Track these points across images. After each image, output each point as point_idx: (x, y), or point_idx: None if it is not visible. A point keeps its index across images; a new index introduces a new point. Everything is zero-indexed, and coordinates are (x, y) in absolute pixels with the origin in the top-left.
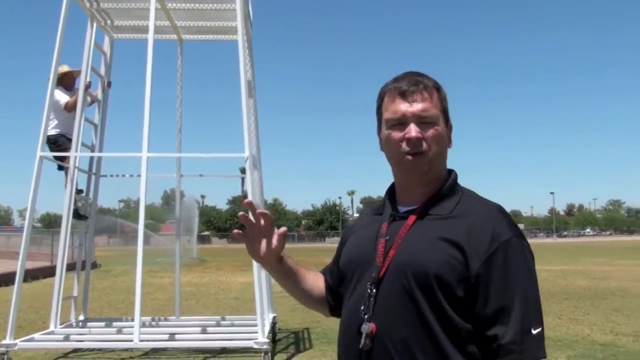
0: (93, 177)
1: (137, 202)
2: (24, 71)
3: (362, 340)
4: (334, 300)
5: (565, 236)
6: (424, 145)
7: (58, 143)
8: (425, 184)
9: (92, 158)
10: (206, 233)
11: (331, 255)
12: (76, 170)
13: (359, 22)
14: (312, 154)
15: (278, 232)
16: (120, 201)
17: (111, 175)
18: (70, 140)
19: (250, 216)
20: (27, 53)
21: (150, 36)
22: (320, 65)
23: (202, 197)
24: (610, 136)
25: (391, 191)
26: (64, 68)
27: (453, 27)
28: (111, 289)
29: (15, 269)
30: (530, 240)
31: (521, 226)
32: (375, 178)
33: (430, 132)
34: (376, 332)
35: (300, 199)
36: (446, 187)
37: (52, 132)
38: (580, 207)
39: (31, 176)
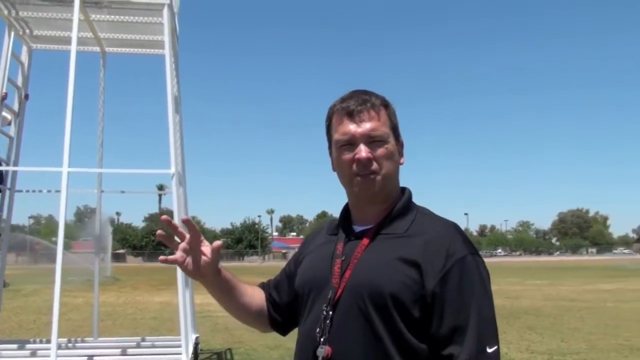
0: (7, 192)
1: (48, 219)
2: None
3: None
4: (279, 315)
5: None
6: (374, 165)
7: None
8: (378, 203)
9: (6, 172)
10: (121, 251)
11: (251, 274)
12: None
13: (288, 36)
14: (232, 171)
15: (213, 246)
16: (30, 217)
17: (27, 191)
18: None
19: (184, 234)
20: None
21: (73, 48)
22: (240, 79)
23: (118, 214)
24: (519, 159)
25: (346, 211)
26: None
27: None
28: (21, 309)
29: None
30: None
31: None
32: (294, 197)
33: (380, 151)
34: (332, 355)
35: (219, 217)
36: (400, 205)
37: None
38: (492, 227)
39: None
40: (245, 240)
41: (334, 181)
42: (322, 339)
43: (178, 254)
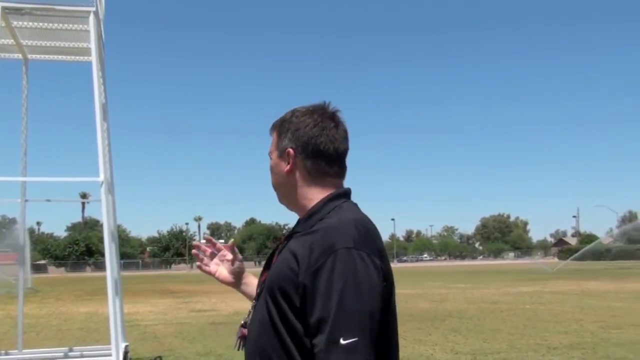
0: None
1: None
2: None
3: (239, 343)
4: None
5: (405, 261)
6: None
7: None
8: (292, 209)
9: None
10: (42, 262)
11: (179, 282)
12: None
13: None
14: (158, 178)
15: (229, 247)
16: None
17: None
18: None
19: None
20: None
21: None
22: (165, 82)
23: (38, 223)
24: (444, 164)
25: None
26: None
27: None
28: None
29: None
30: None
31: None
32: (222, 204)
33: (269, 168)
34: (246, 336)
35: (145, 225)
36: (316, 206)
37: None
38: (418, 232)
39: None
40: (173, 248)
41: (262, 188)
42: (244, 323)
43: (212, 266)
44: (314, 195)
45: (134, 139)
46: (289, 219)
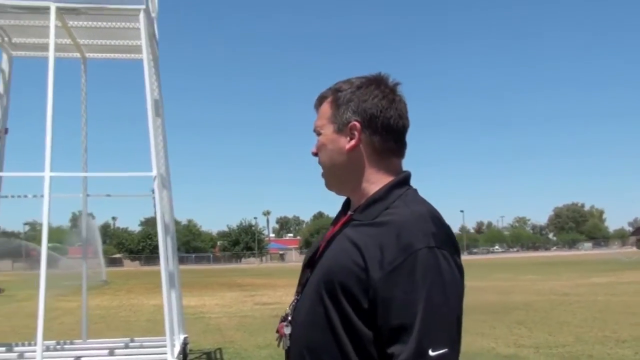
0: None
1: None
2: None
3: (280, 340)
4: None
5: (475, 253)
6: (319, 158)
7: None
8: (344, 192)
9: None
10: (118, 255)
11: (249, 276)
12: None
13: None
14: (229, 174)
15: None
16: (25, 224)
17: (12, 196)
18: None
19: None
20: None
21: (51, 55)
22: (236, 80)
23: (114, 218)
24: (514, 154)
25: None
26: None
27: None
28: (14, 314)
29: None
30: None
31: None
32: (291, 198)
33: (317, 145)
34: (292, 334)
35: (215, 220)
36: (378, 192)
37: None
38: (489, 224)
39: None
40: (242, 242)
41: None
42: (289, 318)
43: None
44: (378, 177)
45: (205, 136)
46: None
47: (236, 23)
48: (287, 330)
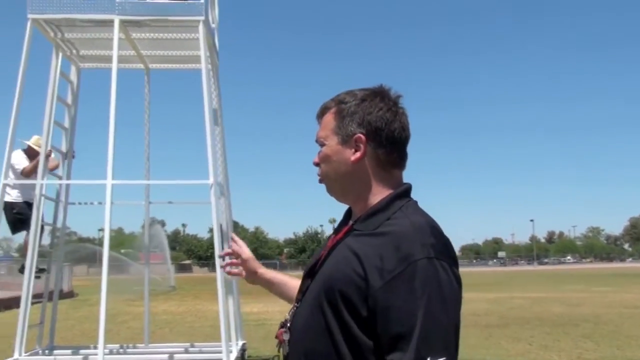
0: (61, 205)
1: (117, 231)
2: None
3: (279, 346)
4: None
5: (545, 263)
6: (319, 169)
7: (20, 212)
8: (348, 202)
9: (60, 186)
10: (187, 262)
11: None
12: (43, 198)
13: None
14: (296, 182)
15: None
16: (100, 230)
17: (79, 203)
18: (31, 206)
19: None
20: None
21: (114, 66)
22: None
23: (184, 225)
24: (587, 163)
25: None
26: (36, 141)
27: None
28: (86, 318)
29: None
30: (512, 268)
31: (502, 254)
32: None
33: (319, 156)
34: (289, 340)
35: (282, 227)
36: (380, 203)
37: (12, 198)
38: (561, 234)
39: None
40: (309, 249)
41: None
42: (288, 325)
43: (235, 268)
44: (379, 189)
45: (268, 144)
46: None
47: (296, 37)
48: (286, 337)
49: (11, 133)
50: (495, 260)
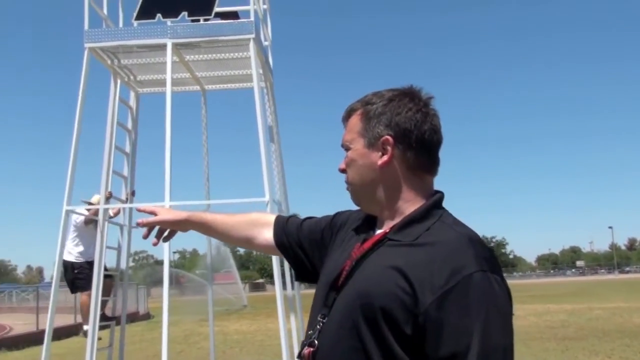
0: (125, 229)
1: (193, 252)
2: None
3: None
4: (283, 242)
5: (628, 272)
6: (346, 175)
7: (81, 272)
8: (375, 212)
9: (123, 210)
10: (260, 280)
11: None
12: (106, 223)
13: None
14: None
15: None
16: (174, 252)
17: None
18: (92, 264)
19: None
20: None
21: (168, 89)
22: None
23: None
24: None
25: None
26: (97, 200)
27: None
28: (159, 340)
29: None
30: (591, 277)
31: (580, 263)
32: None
33: (345, 161)
34: (317, 357)
35: None
36: (417, 211)
37: (73, 257)
38: None
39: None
40: None
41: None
42: (313, 340)
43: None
44: (411, 195)
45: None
46: (495, 230)
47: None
48: (305, 352)
49: (72, 160)
50: (573, 270)
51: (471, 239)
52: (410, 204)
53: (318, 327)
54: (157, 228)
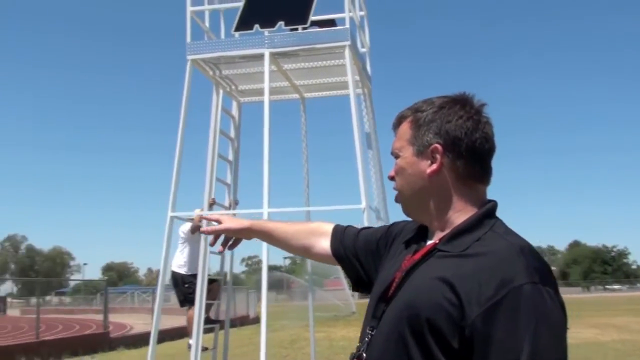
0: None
1: (303, 258)
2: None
3: None
4: (339, 252)
5: None
6: (395, 182)
7: (191, 286)
8: (424, 221)
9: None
10: None
11: None
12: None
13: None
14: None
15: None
16: (285, 258)
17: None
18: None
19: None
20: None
21: (266, 98)
22: None
23: None
24: None
25: None
26: (198, 213)
27: None
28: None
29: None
30: None
31: None
32: (544, 225)
33: (394, 169)
34: None
35: None
36: (467, 221)
37: (182, 270)
38: None
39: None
40: None
41: (587, 208)
42: (361, 352)
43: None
44: (463, 205)
45: None
46: (617, 239)
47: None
48: None
49: (176, 168)
50: None
51: (522, 248)
52: (460, 214)
53: (367, 339)
54: (223, 236)
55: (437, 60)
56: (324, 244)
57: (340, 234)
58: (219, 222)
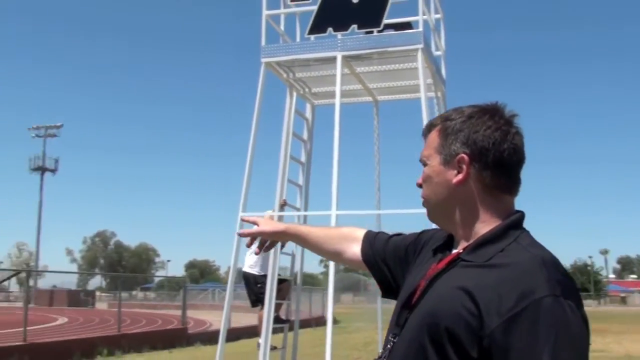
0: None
1: None
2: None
3: None
4: (369, 258)
5: None
6: (422, 191)
7: (263, 286)
8: (450, 230)
9: (297, 218)
10: None
11: None
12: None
13: None
14: (564, 208)
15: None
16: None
17: None
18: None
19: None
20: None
21: (337, 101)
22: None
23: None
24: None
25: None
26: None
27: None
28: (339, 345)
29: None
30: None
31: None
32: (633, 235)
33: (422, 177)
34: None
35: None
36: (491, 232)
37: (254, 271)
38: None
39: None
40: (577, 282)
41: None
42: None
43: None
44: (487, 216)
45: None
46: None
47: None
48: None
49: (247, 169)
50: None
51: (545, 261)
52: (485, 224)
53: (389, 346)
54: (259, 238)
55: (511, 65)
56: (355, 250)
57: (372, 240)
58: (255, 224)
